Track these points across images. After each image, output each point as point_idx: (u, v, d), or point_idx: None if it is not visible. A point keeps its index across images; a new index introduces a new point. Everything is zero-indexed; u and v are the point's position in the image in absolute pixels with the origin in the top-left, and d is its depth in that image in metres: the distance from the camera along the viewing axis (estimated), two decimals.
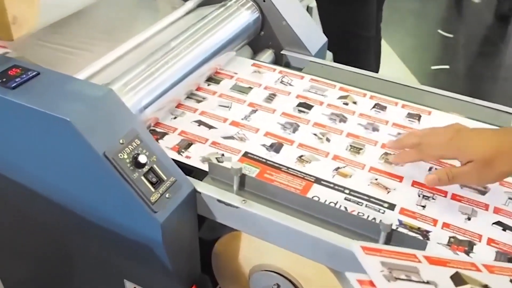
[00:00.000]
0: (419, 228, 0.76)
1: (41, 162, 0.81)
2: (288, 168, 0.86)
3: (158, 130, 0.94)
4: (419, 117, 0.99)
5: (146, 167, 0.75)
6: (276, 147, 0.91)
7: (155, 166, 0.76)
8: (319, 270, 0.79)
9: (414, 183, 0.84)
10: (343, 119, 0.98)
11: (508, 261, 0.72)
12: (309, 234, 0.73)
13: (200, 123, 0.96)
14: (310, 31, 1.18)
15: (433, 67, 2.83)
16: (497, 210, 0.80)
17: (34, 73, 0.80)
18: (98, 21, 1.03)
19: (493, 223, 0.78)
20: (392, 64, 2.75)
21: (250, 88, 1.06)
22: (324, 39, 1.20)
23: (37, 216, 0.94)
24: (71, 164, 0.77)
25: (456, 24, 3.26)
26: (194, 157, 0.88)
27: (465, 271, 0.65)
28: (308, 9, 2.30)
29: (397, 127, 0.97)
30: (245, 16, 1.12)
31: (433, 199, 0.82)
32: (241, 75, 1.10)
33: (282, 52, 1.17)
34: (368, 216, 0.77)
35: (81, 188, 0.80)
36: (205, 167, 0.84)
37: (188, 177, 0.81)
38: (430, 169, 0.87)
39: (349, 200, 0.81)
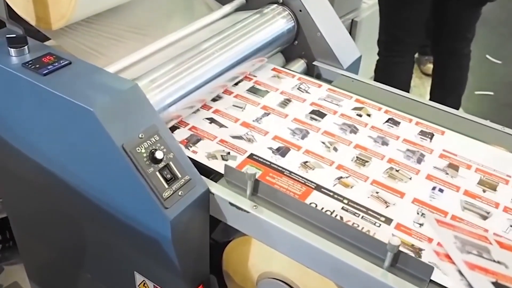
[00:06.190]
0: None
1: (63, 148, 0.84)
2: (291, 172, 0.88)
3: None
4: (431, 136, 0.98)
5: (162, 163, 0.77)
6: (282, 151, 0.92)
7: (171, 163, 0.78)
8: (326, 285, 0.79)
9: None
10: (353, 130, 0.98)
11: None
12: (314, 245, 0.73)
13: (211, 120, 0.99)
14: (344, 45, 1.18)
15: (476, 92, 2.76)
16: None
17: (66, 62, 0.83)
18: (135, 18, 1.05)
19: None
20: None
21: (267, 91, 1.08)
22: (357, 54, 1.19)
23: (57, 200, 0.96)
24: (90, 152, 0.79)
25: (506, 52, 3.17)
26: (200, 153, 0.90)
27: None
28: (353, 23, 2.29)
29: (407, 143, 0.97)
30: (280, 25, 1.13)
31: None
32: (260, 79, 1.11)
33: (314, 63, 1.17)
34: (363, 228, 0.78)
35: (98, 177, 0.82)
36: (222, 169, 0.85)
37: (203, 177, 0.82)
38: (433, 188, 0.86)
39: (346, 210, 0.81)
